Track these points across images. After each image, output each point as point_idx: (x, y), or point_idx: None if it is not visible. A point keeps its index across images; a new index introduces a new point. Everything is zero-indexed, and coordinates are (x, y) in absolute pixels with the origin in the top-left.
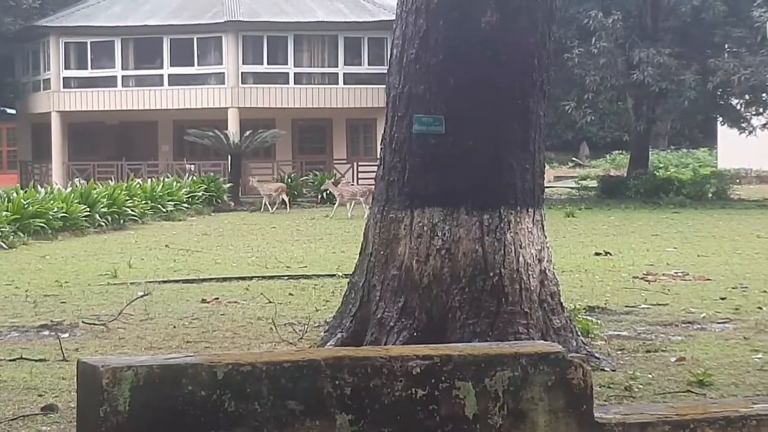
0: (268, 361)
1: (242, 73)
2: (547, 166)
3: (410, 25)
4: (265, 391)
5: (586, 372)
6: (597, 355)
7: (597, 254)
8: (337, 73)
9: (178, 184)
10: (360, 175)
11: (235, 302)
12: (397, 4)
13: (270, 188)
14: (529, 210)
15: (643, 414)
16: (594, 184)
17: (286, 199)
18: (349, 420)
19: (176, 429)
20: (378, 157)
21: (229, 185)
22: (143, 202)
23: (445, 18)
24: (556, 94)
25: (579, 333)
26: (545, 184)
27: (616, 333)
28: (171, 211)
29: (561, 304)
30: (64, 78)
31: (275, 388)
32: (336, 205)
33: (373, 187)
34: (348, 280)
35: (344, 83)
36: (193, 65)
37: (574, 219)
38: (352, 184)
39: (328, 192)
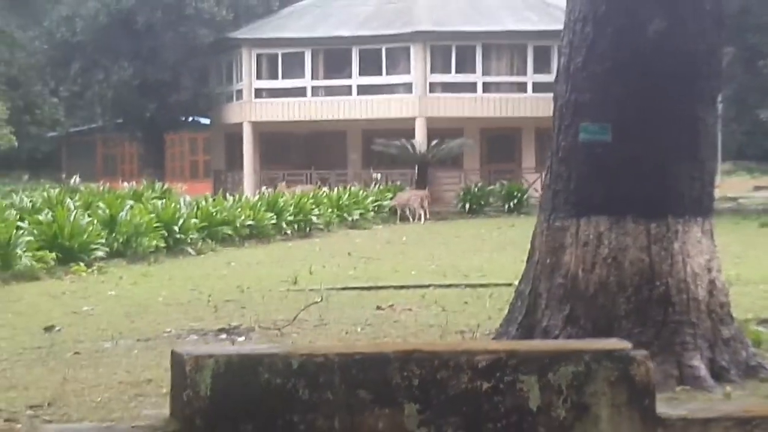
0: (339, 353)
1: (430, 82)
2: (747, 175)
3: (577, 34)
4: (337, 380)
5: (649, 369)
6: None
7: None
8: (526, 82)
9: (365, 193)
10: None
11: (410, 309)
12: (565, 12)
13: (405, 198)
14: (698, 219)
15: (708, 410)
16: None
17: (422, 211)
18: (416, 409)
19: (254, 414)
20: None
21: None
22: (329, 210)
23: (612, 26)
24: (751, 102)
25: (749, 344)
26: (743, 194)
27: None
28: (357, 219)
29: (730, 314)
30: (255, 89)
31: (347, 378)
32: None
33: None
34: (514, 288)
35: (533, 92)
36: (381, 75)
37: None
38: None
39: (515, 202)
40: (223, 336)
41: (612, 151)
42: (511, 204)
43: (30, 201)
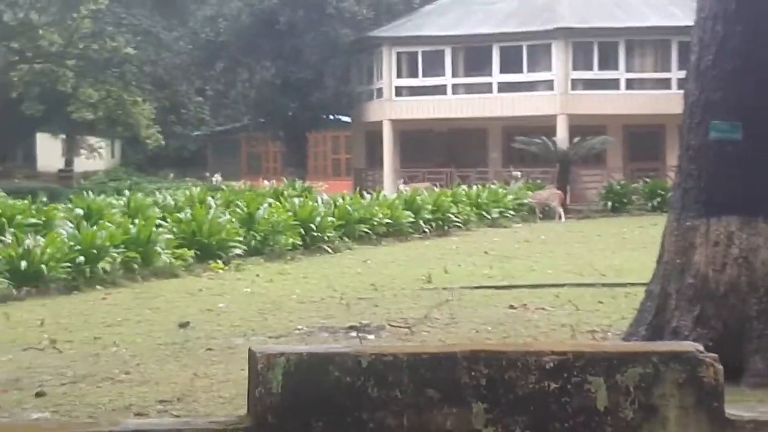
0: (409, 352)
1: (572, 79)
2: None
3: (708, 31)
4: (405, 379)
5: (718, 371)
6: None
7: None
8: (670, 79)
9: (504, 191)
10: None
11: (543, 309)
12: (696, 10)
13: (544, 196)
14: None
15: None
16: None
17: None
18: (484, 408)
19: (324, 411)
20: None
21: None
22: (468, 208)
23: (742, 24)
24: None
25: None
26: None
27: None
28: (496, 218)
29: None
30: (396, 87)
31: (415, 377)
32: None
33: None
34: (645, 288)
35: (678, 89)
36: (522, 72)
37: None
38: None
39: (659, 201)
40: (353, 333)
41: (743, 150)
42: (655, 202)
43: (173, 199)
